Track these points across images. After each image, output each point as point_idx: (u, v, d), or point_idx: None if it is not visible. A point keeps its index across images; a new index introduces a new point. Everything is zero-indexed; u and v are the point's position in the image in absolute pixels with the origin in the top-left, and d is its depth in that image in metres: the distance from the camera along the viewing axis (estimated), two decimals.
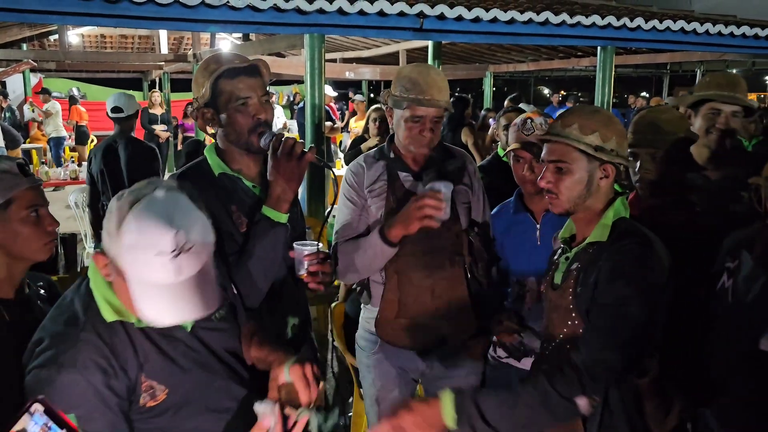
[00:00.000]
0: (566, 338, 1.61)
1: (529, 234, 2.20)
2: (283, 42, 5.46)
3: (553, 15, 4.54)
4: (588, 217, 1.64)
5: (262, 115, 1.75)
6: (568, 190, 1.60)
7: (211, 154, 1.83)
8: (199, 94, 1.75)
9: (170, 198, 1.21)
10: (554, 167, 1.62)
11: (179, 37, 11.90)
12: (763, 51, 5.77)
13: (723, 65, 12.45)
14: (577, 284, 1.58)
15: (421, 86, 1.99)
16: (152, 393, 1.28)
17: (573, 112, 1.65)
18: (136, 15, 3.65)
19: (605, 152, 1.57)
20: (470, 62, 10.51)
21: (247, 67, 1.74)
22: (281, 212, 1.72)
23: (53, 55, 11.13)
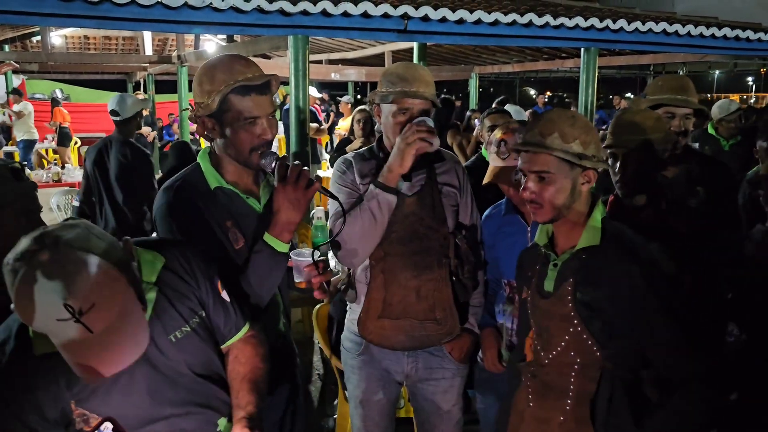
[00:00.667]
0: (569, 345, 1.60)
1: (519, 236, 2.20)
2: (267, 43, 5.44)
3: (537, 17, 4.56)
4: (571, 221, 1.63)
5: (267, 135, 1.72)
6: (552, 198, 1.59)
7: (205, 162, 1.79)
8: (203, 101, 1.69)
9: (55, 263, 1.11)
10: (536, 177, 1.60)
11: (164, 39, 11.80)
12: (745, 52, 5.84)
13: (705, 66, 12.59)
14: (576, 291, 1.57)
15: (407, 80, 2.00)
16: (86, 420, 1.25)
17: (551, 120, 1.62)
18: (119, 16, 3.62)
19: (588, 159, 1.58)
20: (456, 63, 10.53)
21: (260, 85, 1.69)
22: (284, 242, 1.69)
23: (36, 56, 11.00)
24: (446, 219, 2.12)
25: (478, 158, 3.61)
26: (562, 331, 1.60)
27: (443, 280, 2.11)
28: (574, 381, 1.59)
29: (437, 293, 2.11)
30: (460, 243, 2.13)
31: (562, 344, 1.61)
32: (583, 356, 1.58)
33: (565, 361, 1.61)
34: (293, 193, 1.66)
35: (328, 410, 3.68)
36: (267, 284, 1.73)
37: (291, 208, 1.67)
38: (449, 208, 2.13)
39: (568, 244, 1.64)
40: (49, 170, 8.07)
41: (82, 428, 1.23)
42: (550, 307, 1.63)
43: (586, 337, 1.57)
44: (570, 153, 1.57)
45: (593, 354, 1.57)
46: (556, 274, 1.63)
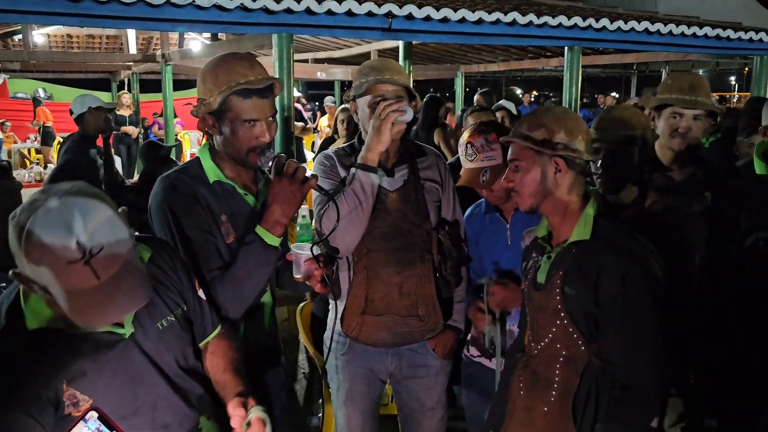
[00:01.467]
0: (556, 338, 1.63)
1: (499, 233, 2.21)
2: (251, 42, 5.42)
3: (521, 15, 4.59)
4: (559, 213, 1.67)
5: (266, 137, 1.72)
6: (525, 186, 1.66)
7: (205, 157, 1.80)
8: (206, 98, 1.70)
9: (65, 205, 1.14)
10: (513, 166, 1.68)
11: (148, 38, 11.71)
12: (726, 51, 5.92)
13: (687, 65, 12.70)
14: (564, 284, 1.60)
15: (379, 69, 2.04)
16: (75, 403, 1.24)
17: (528, 114, 1.71)
18: (101, 14, 3.59)
19: (550, 145, 1.61)
20: (442, 62, 10.56)
21: (263, 88, 1.69)
22: (275, 236, 1.70)
23: (17, 55, 10.87)
24: (429, 214, 2.12)
25: None
26: (550, 323, 1.64)
27: (426, 276, 2.12)
28: (560, 373, 1.62)
29: (420, 289, 2.11)
30: (443, 239, 2.13)
31: (549, 336, 1.64)
32: (569, 349, 1.61)
33: (553, 353, 1.64)
34: (289, 187, 1.67)
35: (313, 408, 3.68)
36: (254, 278, 1.72)
37: (285, 202, 1.68)
38: (432, 203, 2.13)
39: (562, 237, 1.67)
40: (31, 170, 8.01)
41: (71, 412, 1.22)
42: (541, 299, 1.67)
43: (572, 330, 1.59)
44: (531, 139, 1.62)
45: (579, 348, 1.59)
46: (549, 266, 1.67)
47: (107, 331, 1.29)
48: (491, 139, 2.15)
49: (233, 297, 1.71)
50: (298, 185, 1.68)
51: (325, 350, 2.28)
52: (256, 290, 1.77)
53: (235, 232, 1.76)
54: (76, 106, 4.22)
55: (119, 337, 1.31)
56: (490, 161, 2.15)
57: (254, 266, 1.70)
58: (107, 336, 1.29)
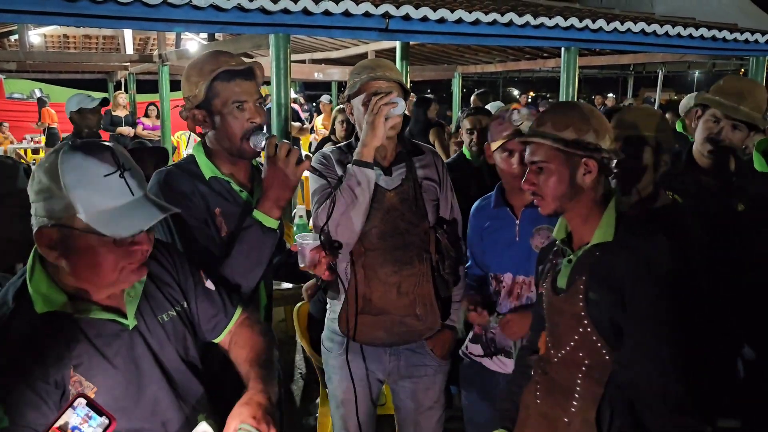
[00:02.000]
0: (578, 346, 1.55)
1: (508, 229, 2.19)
2: (248, 42, 5.42)
3: (517, 16, 4.59)
4: (582, 215, 1.58)
5: (257, 119, 1.73)
6: (551, 190, 1.56)
7: (200, 154, 1.80)
8: (192, 93, 1.71)
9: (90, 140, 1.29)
10: (535, 168, 1.58)
11: (145, 38, 11.70)
12: (722, 52, 5.92)
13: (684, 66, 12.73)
14: (588, 290, 1.52)
15: (371, 67, 2.03)
16: (80, 390, 1.24)
17: (548, 110, 1.61)
18: (97, 14, 3.57)
19: (582, 146, 1.52)
20: (439, 63, 10.56)
21: (244, 69, 1.72)
22: (273, 218, 1.71)
23: (13, 55, 10.83)
24: (427, 213, 2.12)
25: (459, 156, 3.62)
26: (572, 330, 1.56)
27: (424, 275, 2.12)
28: (581, 382, 1.54)
29: (418, 288, 2.11)
30: (441, 238, 2.13)
31: (571, 343, 1.56)
32: (591, 357, 1.53)
33: (574, 360, 1.56)
34: (283, 169, 1.67)
35: (310, 409, 3.68)
36: (253, 262, 1.72)
37: (280, 186, 1.69)
38: (429, 202, 2.13)
39: (584, 240, 1.59)
40: None
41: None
42: (562, 304, 1.59)
43: (596, 338, 1.51)
44: (561, 140, 1.52)
45: (602, 356, 1.52)
46: (570, 270, 1.59)
47: (112, 320, 1.31)
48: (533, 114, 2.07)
49: (236, 282, 1.71)
50: (292, 168, 1.68)
51: (322, 351, 2.28)
52: (259, 273, 1.77)
53: (228, 227, 1.76)
54: (67, 106, 4.28)
55: (124, 328, 1.33)
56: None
57: (253, 249, 1.71)
58: (112, 325, 1.31)
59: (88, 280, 1.28)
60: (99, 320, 1.29)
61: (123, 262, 1.27)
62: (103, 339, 1.29)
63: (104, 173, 1.22)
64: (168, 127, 8.93)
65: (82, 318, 1.27)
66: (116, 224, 1.22)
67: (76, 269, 1.26)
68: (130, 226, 1.23)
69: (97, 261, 1.24)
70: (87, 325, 1.28)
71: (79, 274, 1.26)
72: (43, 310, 1.24)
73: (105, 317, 1.30)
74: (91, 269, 1.26)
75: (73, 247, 1.23)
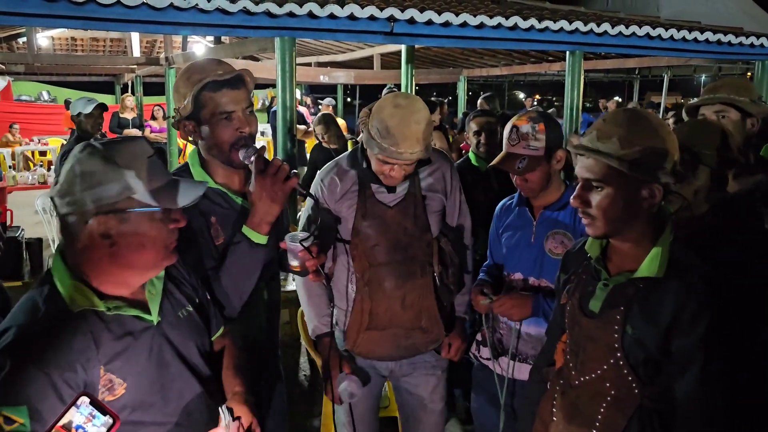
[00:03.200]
0: (606, 376, 1.45)
1: (525, 229, 2.19)
2: (254, 45, 5.44)
3: (522, 20, 4.60)
4: (631, 241, 1.44)
5: (246, 128, 1.73)
6: (605, 212, 1.39)
7: (194, 164, 1.80)
8: (181, 105, 1.72)
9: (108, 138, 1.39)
10: (588, 185, 1.41)
11: (152, 41, 11.76)
12: (727, 56, 5.91)
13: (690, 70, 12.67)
14: (626, 323, 1.40)
15: (395, 138, 1.90)
16: (110, 387, 1.27)
17: (613, 121, 1.41)
18: (104, 17, 3.60)
19: (648, 170, 1.35)
20: (444, 66, 10.57)
21: (231, 78, 1.70)
22: (262, 234, 1.70)
23: (21, 57, 10.90)
24: (429, 226, 2.11)
25: (465, 161, 3.63)
26: (601, 359, 1.45)
27: (428, 287, 2.13)
28: (604, 412, 1.45)
29: (422, 301, 2.12)
30: (444, 246, 2.13)
31: (598, 372, 1.46)
32: (618, 389, 1.43)
33: (600, 390, 1.46)
34: (271, 186, 1.67)
35: (314, 411, 3.69)
36: (244, 276, 1.73)
37: (269, 201, 1.68)
38: (433, 214, 2.12)
39: (625, 266, 1.45)
40: (34, 172, 8.02)
41: (104, 398, 1.26)
42: (593, 330, 1.47)
43: (627, 372, 1.41)
44: (625, 161, 1.34)
45: (631, 389, 1.42)
46: (605, 295, 1.46)
47: (137, 317, 1.34)
48: (538, 129, 2.05)
49: (228, 294, 1.72)
50: (280, 184, 1.68)
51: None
52: (249, 287, 1.77)
53: (224, 234, 1.76)
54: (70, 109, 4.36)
55: (148, 324, 1.36)
56: (531, 151, 2.06)
57: (243, 265, 1.71)
58: (138, 322, 1.34)
59: (132, 267, 1.32)
60: (126, 317, 1.32)
61: (167, 239, 1.34)
62: (130, 336, 1.32)
63: (148, 154, 1.31)
64: (174, 130, 8.97)
65: (111, 315, 1.30)
66: (171, 198, 1.31)
67: (123, 256, 1.29)
68: (184, 197, 1.33)
69: (146, 241, 1.30)
70: (115, 322, 1.31)
71: (126, 260, 1.30)
72: (77, 308, 1.26)
73: (132, 313, 1.33)
74: (139, 251, 1.30)
75: (126, 230, 1.28)
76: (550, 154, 2.08)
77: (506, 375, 2.19)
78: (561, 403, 1.57)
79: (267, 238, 1.72)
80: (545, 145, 2.06)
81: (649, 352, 1.38)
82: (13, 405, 1.13)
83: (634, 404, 1.42)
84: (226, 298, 1.72)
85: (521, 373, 2.16)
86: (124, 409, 1.29)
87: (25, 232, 3.95)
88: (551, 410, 1.60)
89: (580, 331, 1.52)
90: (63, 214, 1.29)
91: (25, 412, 1.14)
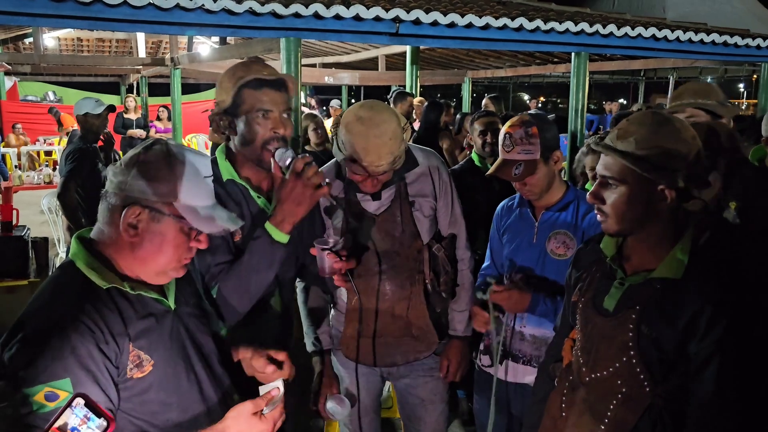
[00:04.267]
0: (618, 374, 1.44)
1: (526, 230, 2.18)
2: (260, 46, 5.45)
3: (528, 21, 4.59)
4: (648, 241, 1.44)
5: (281, 130, 1.74)
6: (619, 211, 1.41)
7: (221, 157, 1.83)
8: (221, 98, 1.75)
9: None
10: (604, 182, 1.42)
11: (157, 41, 11.81)
12: (733, 58, 5.90)
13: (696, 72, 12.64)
14: (641, 322, 1.40)
15: (358, 153, 1.88)
16: (139, 364, 1.29)
17: (635, 121, 1.42)
18: (110, 17, 3.62)
19: (665, 172, 1.35)
20: (449, 68, 10.58)
21: (274, 80, 1.74)
22: (283, 232, 1.70)
23: (28, 58, 10.97)
24: (419, 233, 2.08)
25: (467, 162, 3.62)
26: (614, 357, 1.45)
27: (418, 296, 2.10)
28: (614, 409, 1.45)
29: (412, 310, 2.11)
30: (437, 253, 2.10)
31: (609, 369, 1.46)
32: (630, 387, 1.43)
33: (611, 388, 1.46)
34: (302, 189, 1.67)
35: None
36: (259, 272, 1.73)
37: (295, 203, 1.68)
38: (423, 219, 2.08)
39: (642, 265, 1.45)
40: (40, 172, 8.05)
41: (133, 375, 1.28)
42: (607, 328, 1.47)
43: (640, 370, 1.41)
44: (642, 161, 1.35)
45: (642, 388, 1.42)
46: (621, 294, 1.46)
47: (157, 300, 1.37)
48: (531, 133, 2.04)
49: (238, 290, 1.72)
50: (311, 190, 1.67)
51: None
52: (262, 286, 1.76)
53: (242, 231, 1.77)
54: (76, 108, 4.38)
55: (167, 309, 1.39)
56: (527, 155, 2.04)
57: (259, 261, 1.71)
58: (158, 305, 1.37)
59: (145, 263, 1.34)
60: (147, 299, 1.35)
61: (184, 254, 1.37)
62: (153, 317, 1.35)
63: (205, 174, 1.37)
64: (179, 130, 8.99)
65: (134, 295, 1.33)
66: (206, 221, 1.35)
67: (141, 250, 1.33)
68: (215, 226, 1.36)
69: (166, 247, 1.33)
70: (139, 302, 1.34)
71: (142, 254, 1.33)
72: (104, 285, 1.29)
73: (153, 296, 1.36)
74: (156, 253, 1.33)
75: (153, 229, 1.31)
76: (547, 156, 2.07)
77: (511, 380, 2.18)
78: (570, 400, 1.57)
79: (288, 237, 1.71)
80: (540, 147, 2.04)
81: (664, 352, 1.37)
82: (57, 378, 1.16)
83: (645, 403, 1.42)
84: (235, 291, 1.72)
85: (519, 375, 2.16)
86: (151, 388, 1.31)
87: (31, 231, 3.96)
88: (560, 406, 1.60)
89: (593, 329, 1.52)
90: (108, 190, 1.33)
91: (68, 384, 1.16)
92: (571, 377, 1.59)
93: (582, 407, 1.53)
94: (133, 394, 1.29)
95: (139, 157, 1.32)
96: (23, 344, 1.19)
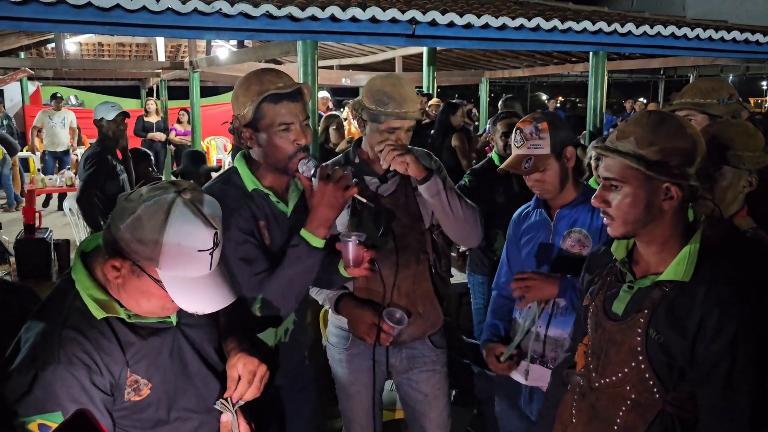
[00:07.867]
0: (627, 379, 1.44)
1: (543, 229, 2.18)
2: (276, 49, 5.49)
3: (545, 21, 4.57)
4: (656, 243, 1.43)
5: (302, 140, 1.79)
6: (623, 212, 1.40)
7: (242, 166, 1.87)
8: (240, 113, 1.78)
9: (202, 200, 1.29)
10: (608, 185, 1.42)
11: (176, 45, 11.93)
12: (755, 56, 5.81)
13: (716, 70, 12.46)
14: (649, 326, 1.39)
15: (397, 100, 2.03)
16: (136, 388, 1.31)
17: (635, 121, 1.42)
18: (130, 23, 3.67)
19: (665, 169, 1.34)
20: (466, 68, 10.56)
21: (291, 92, 1.77)
22: (320, 237, 1.76)
23: (50, 63, 11.16)
24: (422, 216, 2.18)
25: (487, 162, 3.62)
26: (623, 362, 1.44)
27: (422, 274, 2.19)
28: (624, 416, 1.44)
29: (417, 288, 2.18)
30: (437, 238, 2.21)
31: (619, 375, 1.45)
32: (639, 393, 1.42)
33: (620, 394, 1.45)
34: (333, 192, 1.73)
35: (335, 412, 3.70)
36: (301, 278, 1.78)
37: (328, 207, 1.74)
38: (425, 205, 2.17)
39: (651, 269, 1.45)
40: (62, 175, 8.18)
41: (130, 398, 1.30)
42: (616, 332, 1.46)
43: (649, 376, 1.40)
44: (642, 160, 1.34)
45: (652, 394, 1.41)
46: (630, 298, 1.45)
47: (158, 320, 1.37)
48: (541, 128, 2.07)
49: (282, 296, 1.78)
50: (341, 192, 1.73)
51: (327, 347, 2.32)
52: (304, 290, 1.84)
53: (270, 236, 1.83)
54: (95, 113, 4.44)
55: (168, 325, 1.40)
56: (537, 150, 2.07)
57: (300, 268, 1.76)
58: (158, 324, 1.38)
59: (130, 302, 1.32)
60: (148, 320, 1.36)
61: (168, 306, 1.32)
62: (153, 336, 1.36)
63: (200, 248, 1.26)
64: (198, 132, 9.08)
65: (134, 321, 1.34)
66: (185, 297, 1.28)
67: (125, 291, 1.31)
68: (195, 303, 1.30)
69: (148, 298, 1.30)
70: (139, 325, 1.35)
71: (127, 293, 1.31)
72: (101, 316, 1.29)
73: (151, 321, 1.37)
74: (139, 301, 1.31)
75: (134, 283, 1.28)
76: (559, 152, 2.08)
77: (527, 383, 2.18)
78: (579, 405, 1.56)
79: (324, 242, 1.77)
80: (551, 142, 2.06)
81: (673, 357, 1.36)
82: (48, 412, 1.17)
83: (655, 409, 1.41)
84: (280, 298, 1.77)
85: (540, 379, 2.14)
86: (149, 407, 1.32)
87: (53, 233, 4.03)
88: (571, 412, 1.59)
89: (603, 334, 1.51)
90: (107, 224, 1.30)
91: (60, 417, 1.16)
92: (582, 383, 1.58)
93: (591, 413, 1.52)
94: (132, 413, 1.32)
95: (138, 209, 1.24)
96: (18, 374, 1.20)
